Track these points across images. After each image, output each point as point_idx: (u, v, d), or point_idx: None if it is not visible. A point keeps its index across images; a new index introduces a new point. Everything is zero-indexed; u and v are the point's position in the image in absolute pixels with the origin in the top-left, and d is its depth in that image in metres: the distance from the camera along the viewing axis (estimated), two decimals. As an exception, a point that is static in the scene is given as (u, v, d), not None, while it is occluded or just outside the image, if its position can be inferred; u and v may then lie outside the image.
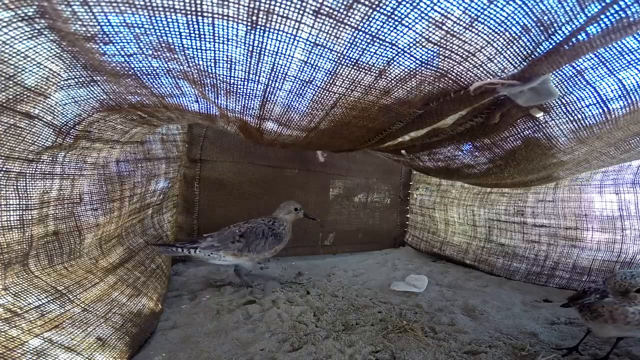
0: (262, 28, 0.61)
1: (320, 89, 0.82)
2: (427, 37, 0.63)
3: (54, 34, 0.64)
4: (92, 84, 0.82)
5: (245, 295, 1.72)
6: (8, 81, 0.68)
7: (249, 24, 0.60)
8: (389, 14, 0.58)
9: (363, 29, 0.62)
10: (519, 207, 2.35)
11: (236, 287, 1.84)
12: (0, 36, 0.60)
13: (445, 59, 0.69)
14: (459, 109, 0.87)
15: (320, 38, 0.64)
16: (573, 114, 0.91)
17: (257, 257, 1.86)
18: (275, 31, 0.62)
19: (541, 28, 0.62)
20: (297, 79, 0.79)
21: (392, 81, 0.77)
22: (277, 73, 0.76)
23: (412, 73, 0.74)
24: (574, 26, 0.59)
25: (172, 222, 1.99)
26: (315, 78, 0.78)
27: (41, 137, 0.83)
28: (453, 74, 0.74)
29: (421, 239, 3.10)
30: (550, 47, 0.64)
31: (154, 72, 0.78)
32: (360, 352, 1.22)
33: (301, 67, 0.74)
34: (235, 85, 0.82)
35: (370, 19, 0.59)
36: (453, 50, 0.67)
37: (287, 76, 0.78)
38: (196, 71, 0.76)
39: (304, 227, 2.66)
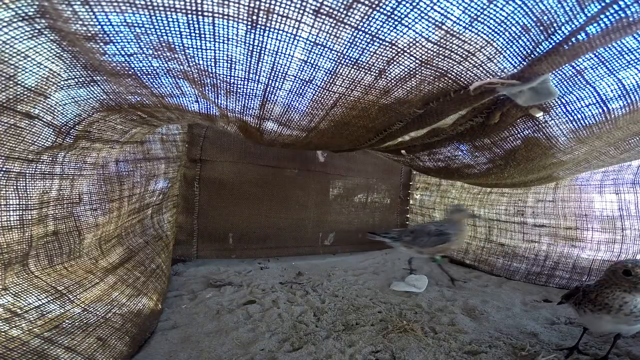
0: (263, 27, 0.61)
1: (320, 88, 0.82)
2: (426, 36, 0.63)
3: (54, 34, 0.64)
4: (92, 84, 0.82)
5: (245, 295, 1.72)
6: (8, 81, 0.68)
7: (249, 23, 0.60)
8: (388, 13, 0.58)
9: (363, 29, 0.62)
10: (519, 207, 2.35)
11: (236, 287, 1.84)
12: (0, 36, 0.60)
13: (445, 59, 0.69)
14: (459, 108, 0.87)
15: (320, 37, 0.64)
16: (573, 114, 0.91)
17: (425, 251, 2.15)
18: (276, 30, 0.62)
19: (541, 28, 0.62)
20: (297, 79, 0.79)
21: (392, 81, 0.77)
22: (277, 72, 0.76)
23: (412, 73, 0.74)
24: (573, 26, 0.59)
25: (172, 222, 1.99)
26: (315, 77, 0.78)
27: (41, 137, 0.83)
28: (453, 73, 0.74)
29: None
30: (550, 46, 0.64)
31: (154, 72, 0.78)
32: (360, 352, 1.22)
33: (301, 67, 0.74)
34: (235, 85, 0.82)
35: (370, 18, 0.59)
36: (453, 49, 0.67)
37: (287, 76, 0.78)
38: (196, 71, 0.76)
39: (304, 227, 2.66)
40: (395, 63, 0.71)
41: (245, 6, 0.56)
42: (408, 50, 0.67)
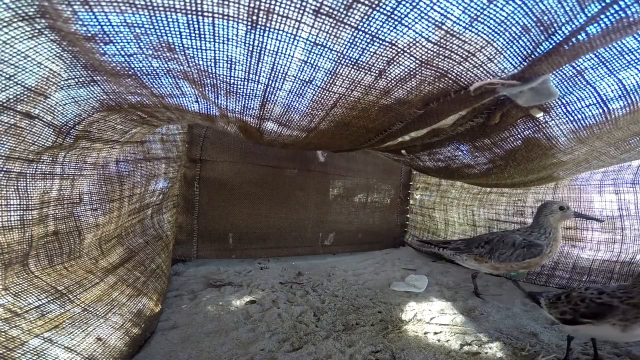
0: (262, 28, 0.61)
1: (320, 88, 0.82)
2: (426, 37, 0.63)
3: (54, 34, 0.64)
4: (92, 84, 0.82)
5: (245, 295, 1.73)
6: (8, 81, 0.68)
7: (249, 23, 0.60)
8: (388, 13, 0.58)
9: (363, 29, 0.62)
10: (519, 207, 2.35)
11: (236, 287, 1.84)
12: (0, 36, 0.60)
13: (445, 59, 0.69)
14: (459, 109, 0.87)
15: (320, 37, 0.64)
16: (573, 114, 0.91)
17: (503, 267, 1.72)
18: (275, 31, 0.62)
19: (541, 28, 0.62)
20: (297, 79, 0.79)
21: (392, 81, 0.77)
22: (277, 73, 0.76)
23: (412, 73, 0.74)
24: (574, 26, 0.59)
25: (172, 222, 1.99)
26: (315, 78, 0.78)
27: (41, 137, 0.83)
28: (453, 74, 0.74)
29: (421, 239, 3.10)
30: (550, 47, 0.64)
31: (154, 72, 0.78)
32: (360, 352, 1.22)
33: (301, 67, 0.74)
34: (235, 85, 0.82)
35: (370, 18, 0.59)
36: (453, 50, 0.67)
37: (287, 76, 0.78)
38: (196, 71, 0.76)
39: (304, 227, 2.66)
40: (395, 63, 0.71)
41: (245, 6, 0.56)
42: (408, 51, 0.67)
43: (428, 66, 0.71)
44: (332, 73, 0.75)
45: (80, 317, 0.98)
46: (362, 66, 0.72)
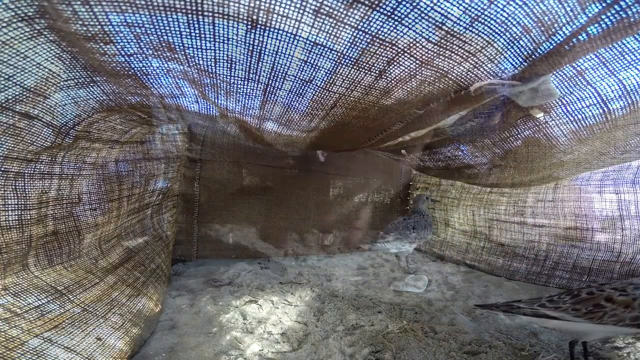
0: (263, 27, 0.61)
1: (320, 88, 0.82)
2: (427, 37, 0.63)
3: (53, 35, 0.64)
4: (91, 84, 0.82)
5: (244, 295, 1.72)
6: (7, 81, 0.68)
7: (250, 23, 0.60)
8: (388, 13, 0.58)
9: (363, 29, 0.62)
10: (519, 207, 2.35)
11: (236, 287, 1.84)
12: (0, 36, 0.60)
13: (446, 59, 0.69)
14: (459, 109, 0.87)
15: (320, 37, 0.64)
16: (573, 114, 0.91)
17: (420, 243, 2.44)
18: (276, 30, 0.62)
19: (542, 28, 0.62)
20: (297, 79, 0.79)
21: (392, 81, 0.77)
22: (277, 73, 0.76)
23: (412, 73, 0.74)
24: (574, 27, 0.59)
25: (172, 222, 1.99)
26: (316, 78, 0.78)
27: (40, 137, 0.83)
28: (453, 74, 0.74)
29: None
30: (551, 47, 0.64)
31: (154, 72, 0.78)
32: (360, 352, 1.22)
33: (301, 67, 0.74)
34: (235, 85, 0.82)
35: (370, 18, 0.59)
36: (453, 50, 0.67)
37: (287, 76, 0.78)
38: (196, 71, 0.76)
39: (304, 227, 2.66)
40: (395, 63, 0.71)
41: (245, 6, 0.56)
42: (408, 51, 0.67)
43: (428, 66, 0.71)
44: (332, 73, 0.75)
45: (80, 317, 0.98)
46: (362, 66, 0.72)
